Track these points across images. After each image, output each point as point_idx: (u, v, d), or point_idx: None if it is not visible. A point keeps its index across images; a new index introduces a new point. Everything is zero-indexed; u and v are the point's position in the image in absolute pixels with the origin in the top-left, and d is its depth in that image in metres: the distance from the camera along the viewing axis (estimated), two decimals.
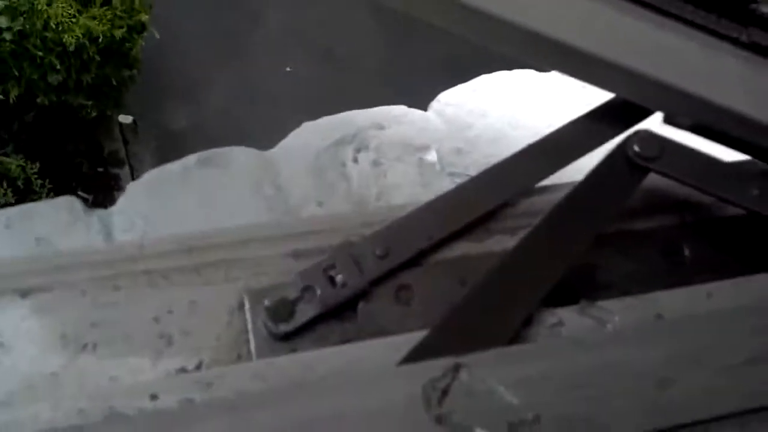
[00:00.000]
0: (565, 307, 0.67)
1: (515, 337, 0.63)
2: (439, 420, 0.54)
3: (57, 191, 2.22)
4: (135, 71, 2.31)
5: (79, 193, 2.42)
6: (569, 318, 0.67)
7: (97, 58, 2.10)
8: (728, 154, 0.73)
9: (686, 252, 0.75)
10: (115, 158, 2.55)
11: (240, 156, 1.03)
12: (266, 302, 0.68)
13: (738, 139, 0.70)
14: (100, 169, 2.55)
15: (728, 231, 0.76)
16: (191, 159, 1.03)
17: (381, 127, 1.08)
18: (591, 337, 0.63)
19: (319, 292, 0.68)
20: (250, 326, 0.69)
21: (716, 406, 0.59)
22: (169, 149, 2.35)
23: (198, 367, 0.68)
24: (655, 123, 0.71)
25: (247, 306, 0.69)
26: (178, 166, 1.04)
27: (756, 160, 0.72)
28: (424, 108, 1.22)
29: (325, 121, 1.11)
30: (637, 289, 0.70)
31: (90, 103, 2.28)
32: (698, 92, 0.66)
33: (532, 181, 0.74)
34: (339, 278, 0.69)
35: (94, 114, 2.34)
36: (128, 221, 1.02)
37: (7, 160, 2.25)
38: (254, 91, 2.63)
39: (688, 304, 0.68)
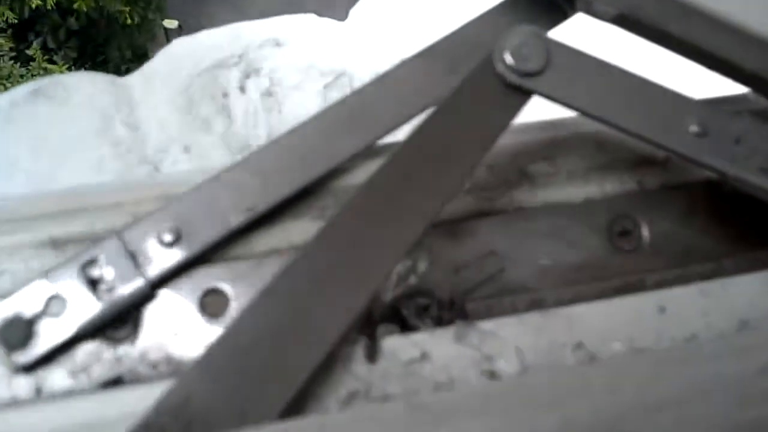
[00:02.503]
0: (435, 329, 0.46)
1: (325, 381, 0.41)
2: None
3: None
4: None
5: None
6: (438, 346, 0.45)
7: None
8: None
9: (643, 232, 0.52)
10: None
11: (86, 84, 0.81)
12: None
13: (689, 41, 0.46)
14: None
15: (704, 204, 0.53)
16: (21, 90, 0.80)
17: (278, 44, 0.84)
18: (474, 392, 0.41)
19: (70, 302, 0.47)
20: None
21: None
22: None
23: None
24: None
25: None
26: (5, 100, 0.81)
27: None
28: (343, 17, 0.97)
29: (204, 36, 0.87)
30: (554, 295, 0.48)
31: (128, 9, 2.44)
32: None
33: (414, 110, 0.51)
34: (104, 279, 0.48)
35: (137, 20, 2.49)
36: None
37: (53, 67, 2.37)
38: None
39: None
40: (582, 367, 0.38)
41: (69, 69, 2.44)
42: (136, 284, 0.48)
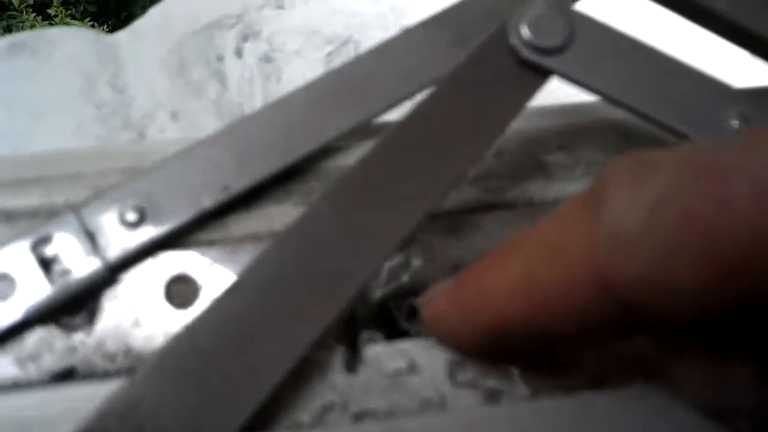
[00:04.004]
0: (426, 337, 0.41)
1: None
2: None
3: None
4: None
5: None
6: (429, 357, 0.41)
7: None
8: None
9: None
10: None
11: (69, 40, 0.76)
12: None
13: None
14: None
15: None
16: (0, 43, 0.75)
17: (280, 5, 0.79)
18: (463, 418, 0.37)
19: (20, 283, 0.43)
20: None
21: None
22: None
23: None
24: None
25: None
26: None
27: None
28: None
29: None
30: None
31: None
32: None
33: (415, 86, 0.46)
34: (58, 259, 0.43)
35: None
36: None
37: (75, 22, 2.34)
38: None
39: None
40: (592, 395, 0.34)
41: (92, 26, 2.43)
42: (93, 267, 0.44)
